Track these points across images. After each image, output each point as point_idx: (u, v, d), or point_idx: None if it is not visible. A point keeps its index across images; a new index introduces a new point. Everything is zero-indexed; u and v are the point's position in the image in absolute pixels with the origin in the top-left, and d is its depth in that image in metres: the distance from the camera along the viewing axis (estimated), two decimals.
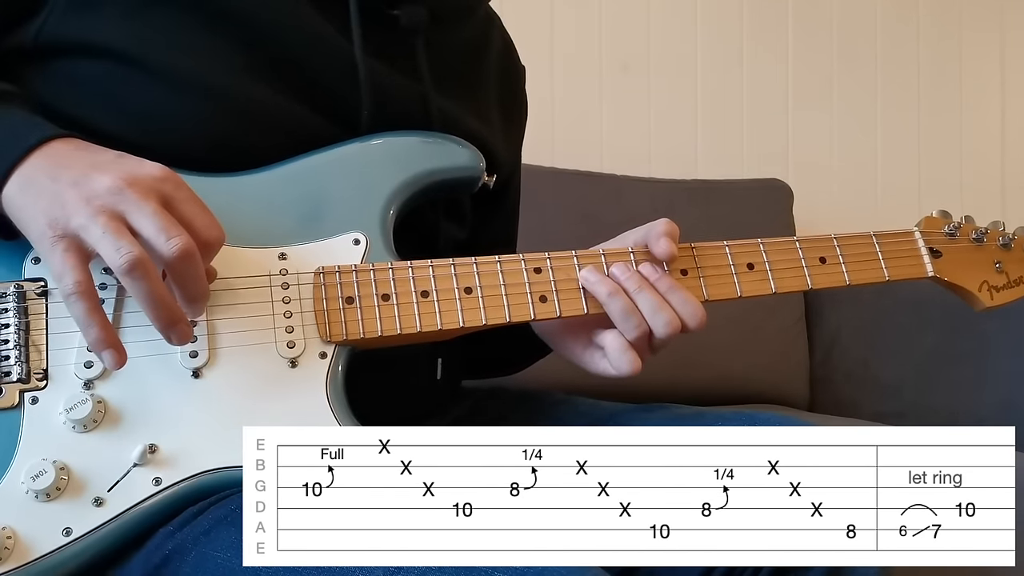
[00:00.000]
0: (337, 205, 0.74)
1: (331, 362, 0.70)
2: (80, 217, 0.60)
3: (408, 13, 0.81)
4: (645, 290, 0.74)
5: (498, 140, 0.91)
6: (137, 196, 0.60)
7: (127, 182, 0.61)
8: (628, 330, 0.73)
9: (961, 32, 2.37)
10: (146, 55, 0.72)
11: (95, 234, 0.60)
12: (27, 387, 0.65)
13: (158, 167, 0.63)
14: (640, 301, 0.74)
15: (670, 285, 0.74)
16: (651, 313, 0.73)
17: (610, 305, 0.74)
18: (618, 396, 0.89)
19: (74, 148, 0.65)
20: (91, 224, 0.60)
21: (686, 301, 0.74)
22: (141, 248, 0.59)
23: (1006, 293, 0.85)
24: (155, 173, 0.62)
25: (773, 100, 2.22)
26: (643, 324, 0.73)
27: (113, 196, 0.60)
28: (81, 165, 0.62)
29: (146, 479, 0.64)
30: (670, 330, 0.73)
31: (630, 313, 0.73)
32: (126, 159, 0.64)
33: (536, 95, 1.03)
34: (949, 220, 0.85)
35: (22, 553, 0.61)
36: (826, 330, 1.89)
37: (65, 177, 0.62)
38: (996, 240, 0.86)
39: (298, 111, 0.76)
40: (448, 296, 0.72)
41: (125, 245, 0.59)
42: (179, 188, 0.63)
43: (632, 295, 0.74)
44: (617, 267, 0.75)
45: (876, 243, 0.82)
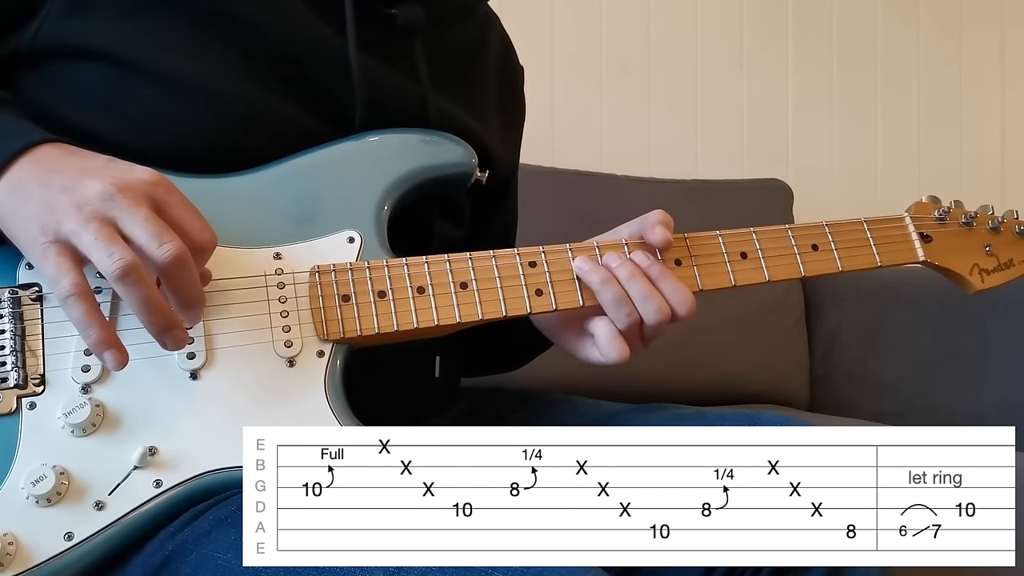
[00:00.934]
0: (331, 204, 0.74)
1: (329, 360, 0.70)
2: (71, 223, 0.60)
3: (406, 12, 0.81)
4: (636, 278, 0.74)
5: (496, 140, 0.91)
6: (128, 202, 0.60)
7: (118, 187, 0.60)
8: (619, 318, 0.74)
9: (961, 33, 2.37)
10: (140, 58, 0.72)
11: (87, 240, 0.59)
12: (25, 393, 0.65)
13: (148, 171, 0.63)
14: (631, 289, 0.74)
15: (661, 272, 0.75)
16: (641, 301, 0.74)
17: (602, 293, 0.74)
18: (618, 396, 0.90)
19: (63, 153, 0.64)
20: (83, 230, 0.59)
21: (676, 289, 0.74)
22: (133, 254, 0.59)
23: (996, 276, 0.85)
24: (146, 178, 0.62)
25: (773, 100, 2.21)
26: (634, 312, 0.74)
27: (104, 202, 0.60)
28: (71, 170, 0.62)
29: (147, 481, 0.64)
30: (660, 318, 0.74)
31: (621, 302, 0.73)
32: (116, 164, 0.63)
33: (536, 95, 1.03)
34: (939, 205, 0.86)
35: (24, 559, 0.61)
36: (826, 330, 1.89)
37: (55, 182, 0.61)
38: (985, 224, 0.86)
39: (294, 112, 0.76)
40: (444, 291, 0.73)
41: (117, 251, 0.59)
42: (170, 192, 0.62)
43: (623, 283, 0.74)
44: (609, 255, 0.75)
45: (867, 229, 0.82)
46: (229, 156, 0.73)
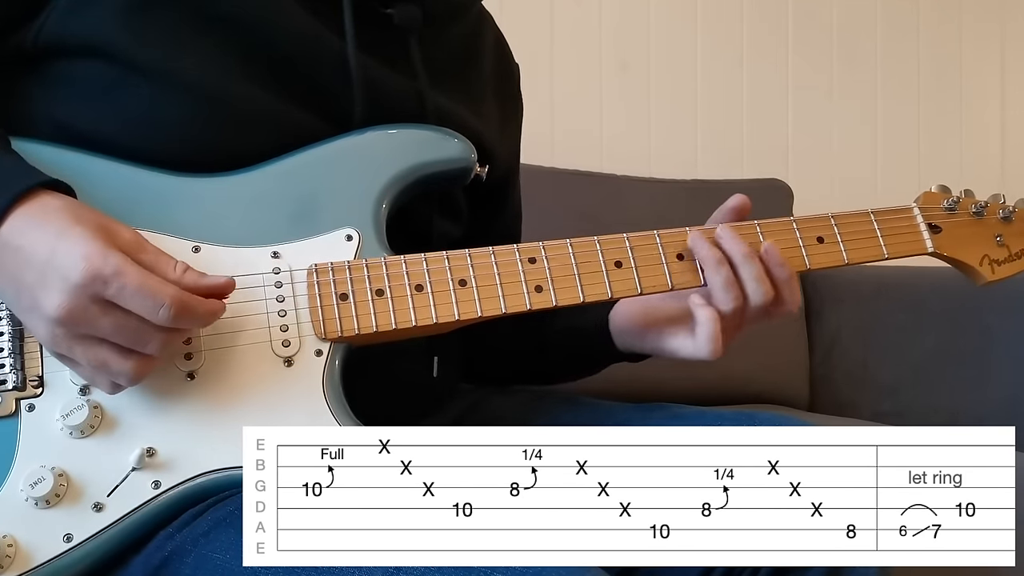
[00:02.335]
0: (328, 201, 0.74)
1: (327, 359, 0.69)
2: (59, 347, 0.62)
3: (401, 12, 0.81)
4: (753, 258, 0.75)
5: (494, 136, 0.91)
6: (84, 328, 0.60)
7: (63, 319, 0.60)
8: (726, 301, 0.74)
9: (961, 32, 2.37)
10: (140, 55, 0.72)
11: (83, 363, 0.62)
12: (23, 395, 0.65)
13: (77, 270, 0.59)
14: (744, 269, 0.74)
15: (779, 260, 0.75)
16: (753, 281, 0.74)
17: (716, 275, 0.74)
18: (618, 396, 0.89)
19: (14, 235, 0.62)
20: (72, 355, 0.62)
21: (791, 279, 0.76)
22: (132, 365, 0.62)
23: (1007, 267, 0.84)
24: (80, 280, 0.59)
25: (773, 100, 2.21)
26: (741, 296, 0.74)
27: (68, 329, 0.61)
28: (17, 286, 0.62)
29: (145, 482, 0.64)
30: (766, 299, 0.75)
31: (731, 285, 0.74)
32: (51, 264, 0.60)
33: (536, 95, 1.03)
34: (948, 195, 0.84)
35: (23, 561, 0.61)
36: (826, 330, 1.89)
37: (22, 300, 0.62)
38: (996, 213, 0.84)
39: (293, 111, 0.76)
40: (443, 288, 0.72)
41: (116, 370, 0.62)
42: (107, 284, 0.60)
43: (737, 262, 0.75)
44: (724, 228, 0.76)
45: (874, 220, 0.81)
46: (227, 155, 0.73)
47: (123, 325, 0.61)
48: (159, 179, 0.71)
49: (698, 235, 0.76)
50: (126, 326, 0.61)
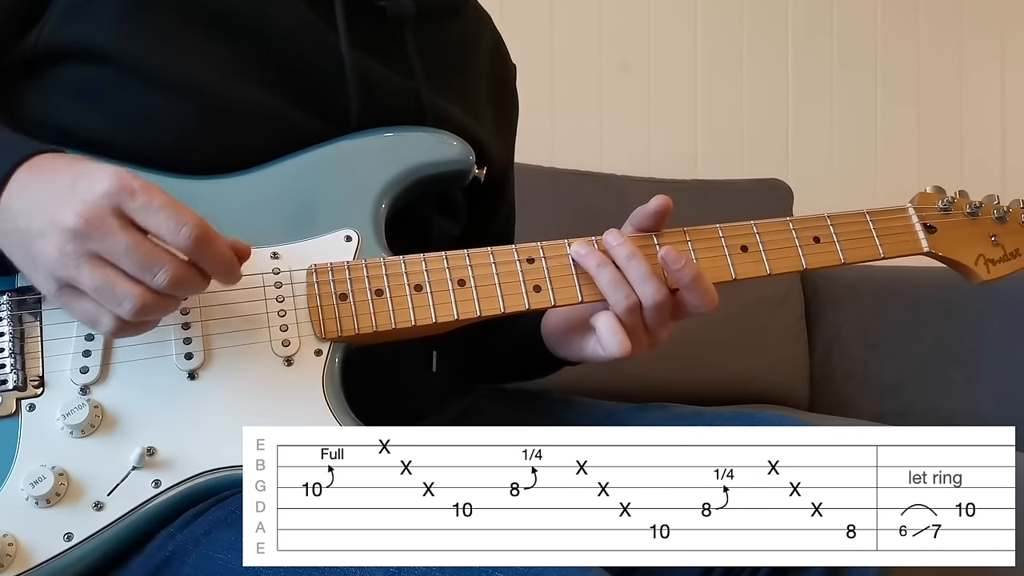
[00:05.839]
0: (328, 202, 0.74)
1: (327, 359, 0.70)
2: (64, 271, 0.59)
3: (394, 4, 0.81)
4: (636, 258, 0.73)
5: (490, 136, 0.91)
6: (102, 233, 0.58)
7: (86, 220, 0.58)
8: (618, 301, 0.72)
9: (961, 32, 2.37)
10: (137, 57, 0.72)
11: (88, 287, 0.59)
12: (24, 395, 0.65)
13: (106, 179, 0.59)
14: (630, 270, 0.73)
15: (678, 265, 0.73)
16: (640, 281, 0.72)
17: (600, 276, 0.73)
18: (618, 396, 0.90)
19: (19, 187, 0.62)
20: (79, 276, 0.59)
21: (695, 280, 0.73)
22: (138, 292, 0.59)
23: (1002, 266, 0.84)
24: (105, 189, 0.59)
25: (773, 100, 2.21)
26: (632, 295, 0.73)
27: (80, 242, 0.59)
28: (42, 206, 0.60)
29: (145, 482, 0.64)
30: (659, 298, 0.72)
31: (618, 283, 0.72)
32: (79, 180, 0.60)
33: (536, 95, 1.03)
34: (943, 195, 0.85)
35: (24, 560, 0.61)
36: (826, 330, 1.89)
37: (33, 226, 0.60)
38: (991, 213, 0.85)
39: (289, 111, 0.76)
40: (442, 288, 0.72)
41: (120, 294, 0.59)
42: (134, 197, 0.59)
43: (622, 264, 0.73)
44: (607, 236, 0.75)
45: (870, 220, 0.81)
46: (226, 156, 0.73)
47: (139, 244, 0.59)
48: (158, 181, 0.70)
49: (579, 244, 0.75)
50: (141, 246, 0.59)
